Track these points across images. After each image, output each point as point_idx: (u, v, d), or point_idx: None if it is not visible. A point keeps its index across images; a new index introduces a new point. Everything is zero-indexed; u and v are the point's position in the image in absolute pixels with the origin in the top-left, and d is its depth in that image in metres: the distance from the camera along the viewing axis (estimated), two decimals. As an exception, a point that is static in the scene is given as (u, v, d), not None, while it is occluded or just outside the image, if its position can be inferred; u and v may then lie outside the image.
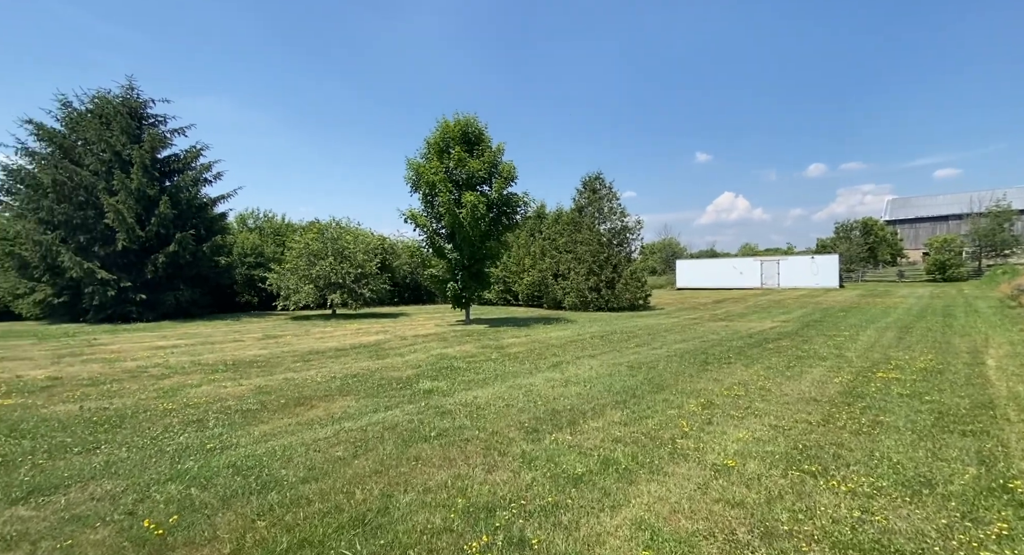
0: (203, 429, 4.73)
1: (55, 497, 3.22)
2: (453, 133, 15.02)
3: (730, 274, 44.14)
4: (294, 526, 2.87)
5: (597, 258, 24.13)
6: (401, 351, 9.92)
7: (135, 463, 3.82)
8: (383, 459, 3.99)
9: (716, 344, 10.80)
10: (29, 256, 16.09)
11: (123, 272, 16.95)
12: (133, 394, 6.09)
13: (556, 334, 12.83)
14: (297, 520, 2.95)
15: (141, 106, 18.84)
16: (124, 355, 9.26)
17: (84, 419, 4.98)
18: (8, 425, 4.74)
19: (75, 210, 16.63)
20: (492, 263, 16.43)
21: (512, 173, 15.39)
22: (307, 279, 17.73)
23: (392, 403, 5.82)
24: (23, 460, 3.84)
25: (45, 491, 3.29)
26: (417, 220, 14.89)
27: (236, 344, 11.00)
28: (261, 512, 3.04)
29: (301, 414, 5.33)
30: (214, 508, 3.09)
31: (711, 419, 5.19)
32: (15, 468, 3.69)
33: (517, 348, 10.31)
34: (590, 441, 4.51)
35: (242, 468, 3.75)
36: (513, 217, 16.17)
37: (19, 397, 5.82)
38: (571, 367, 8.23)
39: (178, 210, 18.01)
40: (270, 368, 8.01)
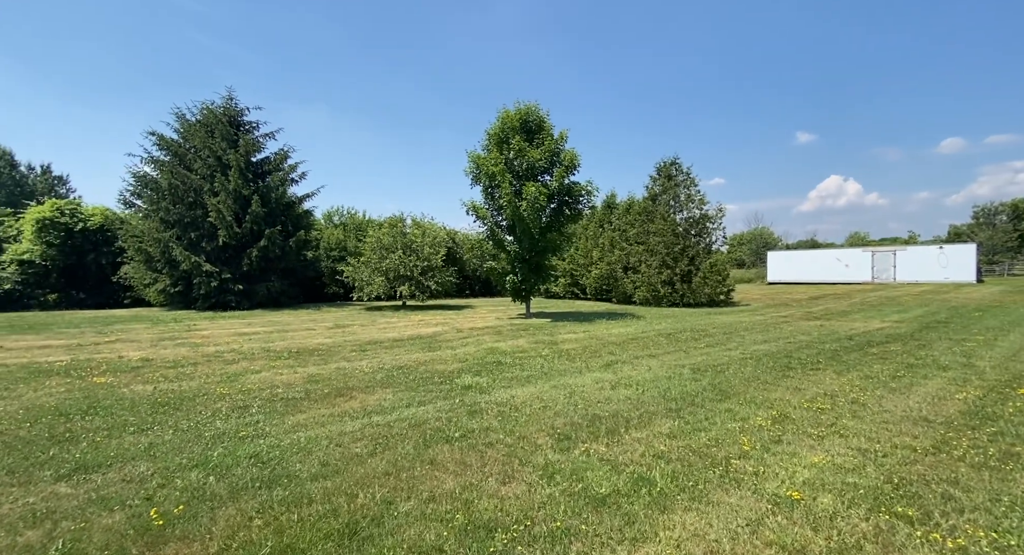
0: (245, 415, 4.92)
1: (94, 476, 3.45)
2: (513, 122, 14.72)
3: (833, 267, 39.20)
4: (286, 528, 2.76)
5: (671, 250, 22.60)
6: (453, 344, 9.90)
7: (174, 446, 4.03)
8: (398, 459, 3.82)
9: (804, 346, 9.46)
10: (152, 251, 18.63)
11: (224, 265, 19.01)
12: (201, 377, 6.62)
13: (618, 331, 12.09)
14: (291, 521, 2.84)
15: (238, 114, 20.92)
16: (210, 340, 10.26)
17: (152, 400, 5.45)
18: (91, 403, 5.31)
19: (186, 210, 18.92)
20: (554, 256, 15.95)
21: (575, 161, 14.75)
22: (378, 272, 18.57)
23: (428, 398, 5.70)
24: (85, 437, 4.23)
25: (90, 469, 3.55)
26: (478, 212, 14.84)
27: (307, 332, 11.74)
28: (262, 509, 2.99)
29: (338, 405, 5.38)
30: (221, 500, 3.09)
31: (781, 437, 4.39)
32: (76, 444, 4.05)
33: (571, 345, 9.82)
34: (627, 454, 3.99)
35: (263, 459, 3.78)
36: (576, 207, 15.53)
37: (111, 377, 6.59)
38: (626, 368, 7.59)
39: (267, 208, 19.76)
40: (328, 356, 8.36)
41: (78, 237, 23.64)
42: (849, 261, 38.56)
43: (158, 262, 18.87)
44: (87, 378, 6.42)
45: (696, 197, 23.87)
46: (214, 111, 20.34)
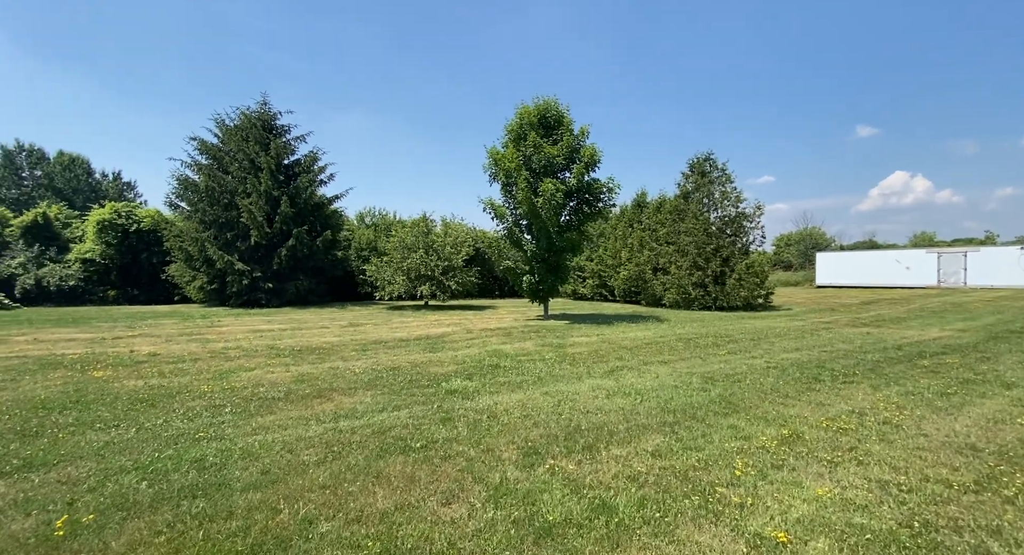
0: (215, 415, 4.83)
1: (35, 475, 3.38)
2: (531, 118, 14.33)
3: (891, 269, 36.13)
4: (187, 547, 2.54)
5: (703, 250, 21.48)
6: (458, 345, 9.64)
7: (127, 446, 3.95)
8: (343, 471, 3.55)
9: (841, 356, 8.54)
10: (191, 250, 19.59)
11: (255, 264, 19.72)
12: (194, 374, 6.67)
13: (635, 334, 11.45)
14: (196, 539, 2.61)
15: (271, 118, 21.69)
16: (224, 337, 10.50)
17: (134, 396, 5.49)
18: (78, 396, 5.41)
19: (222, 211, 19.77)
20: (573, 255, 15.42)
21: (594, 157, 14.18)
22: (400, 271, 18.67)
23: (406, 402, 5.44)
24: (50, 432, 4.23)
25: (35, 467, 3.50)
26: (496, 210, 14.55)
27: (320, 330, 11.84)
28: (174, 522, 2.78)
29: (313, 407, 5.21)
30: (139, 510, 2.92)
31: (784, 461, 3.80)
32: (38, 439, 4.06)
33: (580, 348, 9.32)
34: (597, 475, 3.54)
35: (206, 464, 3.62)
36: (596, 205, 14.94)
37: (111, 371, 6.76)
38: (630, 375, 7.05)
39: (296, 209, 20.34)
40: (326, 355, 8.30)
41: (133, 237, 25.28)
42: (911, 263, 35.42)
43: (196, 261, 19.81)
44: (88, 372, 6.62)
45: (732, 195, 22.57)
46: (249, 116, 21.18)
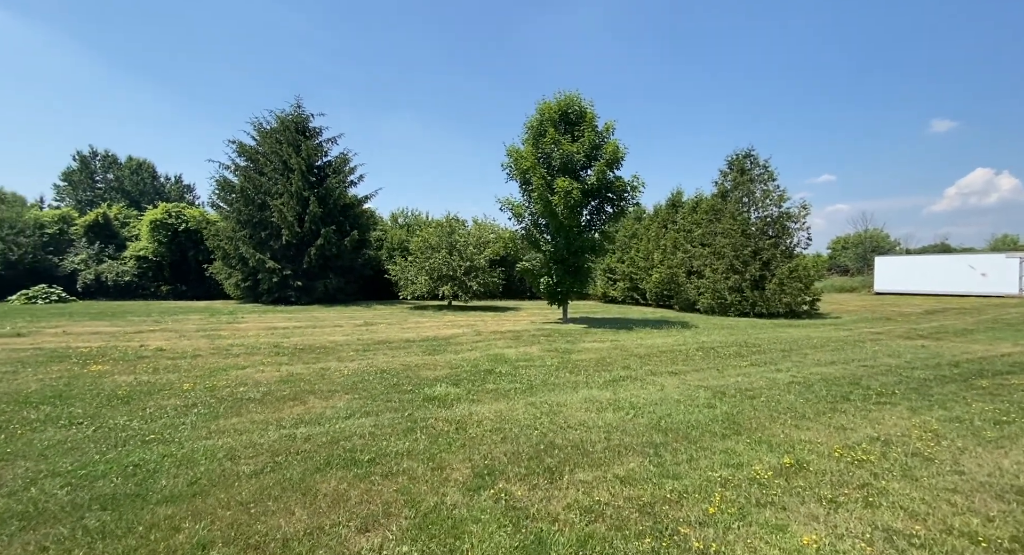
0: (181, 416, 4.75)
1: (-30, 471, 3.35)
2: (551, 114, 13.86)
3: (963, 276, 32.72)
4: (62, 564, 2.34)
5: (740, 252, 20.22)
6: (461, 347, 9.34)
7: (74, 446, 3.89)
8: (272, 485, 3.30)
9: (884, 372, 7.59)
10: (228, 249, 20.48)
11: (287, 262, 20.33)
12: (185, 371, 6.73)
13: (653, 341, 10.75)
14: (78, 556, 2.42)
15: (304, 121, 22.35)
16: (237, 333, 10.73)
17: (114, 393, 5.53)
18: (64, 390, 5.52)
19: (256, 211, 20.53)
20: (593, 257, 14.80)
21: (616, 154, 13.52)
22: (423, 271, 18.67)
23: (378, 408, 5.17)
24: (14, 427, 4.27)
25: (-24, 463, 3.47)
26: (513, 209, 14.19)
27: (333, 329, 11.90)
28: (65, 538, 2.61)
29: (283, 410, 5.04)
30: (38, 522, 2.78)
31: (775, 497, 3.22)
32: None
33: (587, 355, 8.79)
34: (547, 504, 3.11)
35: (140, 470, 3.47)
36: (618, 204, 14.26)
37: (109, 365, 6.94)
38: (632, 386, 6.49)
39: (325, 209, 20.81)
40: (324, 355, 8.23)
41: (181, 236, 26.78)
42: (987, 269, 31.93)
43: (232, 259, 20.68)
44: (87, 366, 6.82)
45: (774, 193, 21.10)
46: (284, 119, 21.92)
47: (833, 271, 54.53)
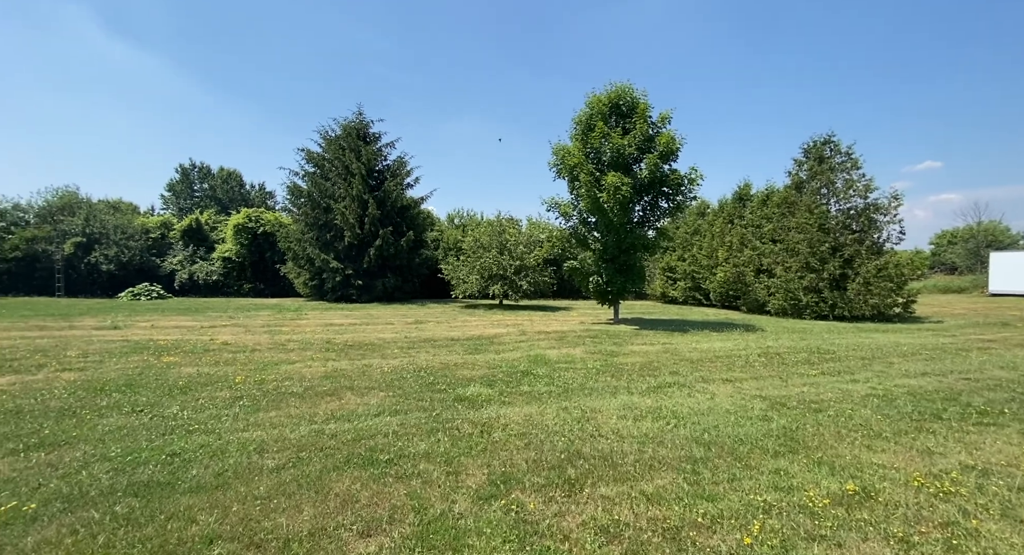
0: (226, 407, 5.03)
1: (37, 454, 3.72)
2: (601, 107, 13.36)
3: (1100, 273, 27.67)
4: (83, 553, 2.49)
5: (816, 249, 18.44)
6: (503, 347, 9.23)
7: (128, 433, 4.21)
8: (289, 482, 3.35)
9: (991, 386, 6.50)
10: (297, 250, 21.98)
11: (348, 262, 21.42)
12: (241, 364, 7.18)
13: (709, 345, 10.00)
14: (95, 546, 2.56)
15: (365, 127, 23.43)
16: (296, 329, 11.38)
17: (176, 383, 6.00)
18: (137, 380, 6.07)
19: (322, 214, 21.83)
20: (646, 254, 14.08)
21: (672, 146, 12.77)
22: (474, 270, 18.85)
23: (408, 407, 5.17)
24: (84, 413, 4.72)
25: (43, 447, 3.86)
26: (561, 207, 13.86)
27: (384, 327, 12.29)
28: (94, 522, 2.78)
29: (318, 406, 5.19)
30: (77, 505, 2.99)
31: (829, 531, 2.76)
32: (68, 419, 4.53)
33: (633, 358, 8.33)
34: (562, 519, 2.88)
35: (175, 459, 3.68)
36: (674, 199, 13.47)
37: (179, 357, 7.57)
38: (678, 393, 6.02)
39: (383, 211, 21.67)
40: (370, 352, 8.46)
41: (260, 239, 29.14)
42: None
43: (301, 259, 22.16)
44: (161, 357, 7.49)
45: (859, 183, 19.01)
46: (346, 126, 23.12)
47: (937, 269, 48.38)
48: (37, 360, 7.05)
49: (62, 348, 8.11)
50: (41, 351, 7.79)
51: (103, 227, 27.81)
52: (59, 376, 6.17)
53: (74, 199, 29.79)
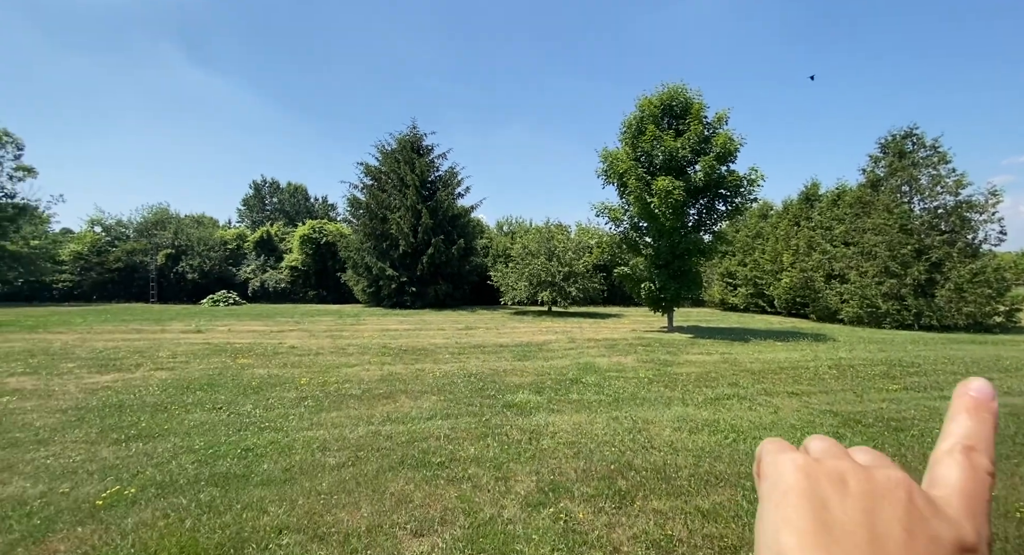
0: (293, 407, 5.39)
1: (136, 444, 4.17)
2: (652, 110, 13.06)
3: None
4: (172, 535, 2.77)
5: (897, 252, 16.94)
6: (552, 354, 9.19)
7: (210, 428, 4.62)
8: (348, 479, 3.53)
9: (1114, 409, 5.64)
10: (355, 259, 23.16)
11: (403, 270, 22.27)
12: (306, 366, 7.65)
13: (774, 355, 9.42)
14: (183, 529, 2.84)
15: (418, 140, 24.37)
16: (355, 334, 11.96)
17: (250, 383, 6.49)
18: (217, 379, 6.65)
19: (378, 224, 22.89)
20: (703, 259, 13.51)
21: (728, 146, 12.25)
22: (523, 277, 18.96)
23: (459, 412, 5.29)
24: (174, 409, 5.23)
25: (141, 438, 4.32)
26: (610, 213, 13.65)
27: (436, 332, 12.63)
28: (182, 508, 3.08)
29: (375, 407, 5.44)
30: (169, 492, 3.33)
31: None
32: (162, 413, 5.04)
33: (689, 368, 8.00)
34: (612, 531, 2.84)
35: (249, 454, 3.99)
36: (732, 201, 12.86)
37: (252, 359, 8.20)
38: (738, 406, 5.73)
39: (435, 220, 22.37)
40: (423, 356, 8.73)
41: (323, 248, 30.99)
42: None
43: (359, 267, 23.32)
44: (237, 359, 8.15)
45: (948, 179, 17.30)
46: (401, 139, 24.18)
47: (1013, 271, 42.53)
48: (135, 360, 7.91)
49: (155, 349, 9.05)
50: (139, 352, 8.73)
51: (189, 240, 30.75)
52: (153, 374, 6.89)
53: (165, 215, 33.17)
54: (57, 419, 4.77)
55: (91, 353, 8.50)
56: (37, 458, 3.80)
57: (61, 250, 28.02)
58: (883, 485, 0.27)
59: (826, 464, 0.29)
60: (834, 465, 0.29)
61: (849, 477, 0.28)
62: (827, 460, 0.30)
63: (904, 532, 0.24)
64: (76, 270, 28.56)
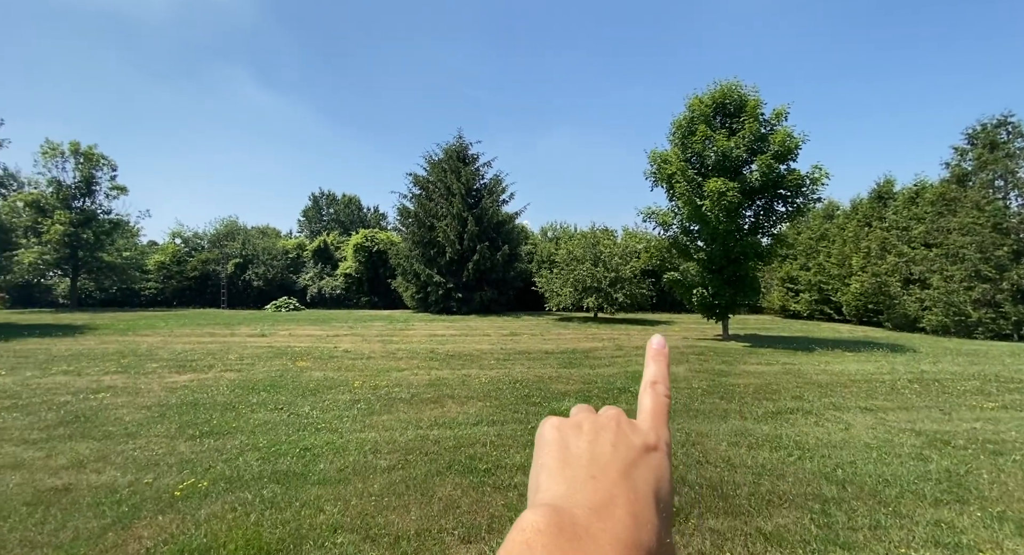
0: (347, 409, 5.61)
1: (209, 440, 4.49)
2: (703, 109, 12.61)
3: None
4: (239, 528, 2.94)
5: (990, 253, 15.32)
6: (598, 362, 9.00)
7: (272, 427, 4.90)
8: (398, 482, 3.61)
9: None
10: (404, 266, 23.92)
11: (449, 276, 22.74)
12: (359, 370, 7.95)
13: (843, 367, 8.73)
14: (248, 523, 3.01)
15: (464, 149, 24.90)
16: (405, 339, 12.30)
17: (308, 385, 6.83)
18: (278, 381, 7.04)
19: (426, 232, 23.54)
20: (760, 263, 12.78)
21: (788, 144, 11.59)
22: (568, 283, 18.78)
23: (505, 418, 5.29)
24: (240, 408, 5.59)
25: (213, 435, 4.64)
26: (659, 217, 13.25)
27: (482, 338, 12.75)
28: (247, 502, 3.27)
29: (423, 411, 5.55)
30: (236, 486, 3.55)
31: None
32: (231, 412, 5.40)
33: (747, 379, 7.57)
34: (663, 554, 2.71)
35: (307, 454, 4.18)
36: (793, 201, 12.12)
37: (310, 362, 8.62)
38: (802, 421, 5.35)
39: (480, 227, 22.70)
40: (469, 362, 8.82)
41: (375, 256, 32.28)
42: None
43: (408, 274, 24.06)
44: (296, 362, 8.60)
45: (1049, 170, 15.44)
46: (448, 149, 24.81)
47: None
48: (208, 362, 8.56)
49: (225, 352, 9.75)
50: (211, 354, 9.45)
51: (255, 250, 33.04)
52: (223, 375, 7.42)
53: (234, 227, 35.87)
54: (143, 415, 5.24)
55: (171, 354, 9.30)
56: (126, 450, 4.18)
57: (148, 260, 31.00)
58: (602, 421, 0.37)
59: (572, 419, 0.39)
60: (576, 418, 0.39)
61: (584, 423, 0.37)
62: (574, 417, 0.39)
63: (611, 447, 0.34)
64: (160, 278, 31.48)
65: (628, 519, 0.29)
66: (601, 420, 0.37)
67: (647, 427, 0.37)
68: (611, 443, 0.34)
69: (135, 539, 2.79)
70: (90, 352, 9.48)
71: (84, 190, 27.18)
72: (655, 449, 0.35)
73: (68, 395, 6.03)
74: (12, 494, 3.32)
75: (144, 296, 31.13)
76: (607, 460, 0.33)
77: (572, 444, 0.35)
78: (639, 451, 0.34)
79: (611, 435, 0.35)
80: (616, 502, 0.30)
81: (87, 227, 26.05)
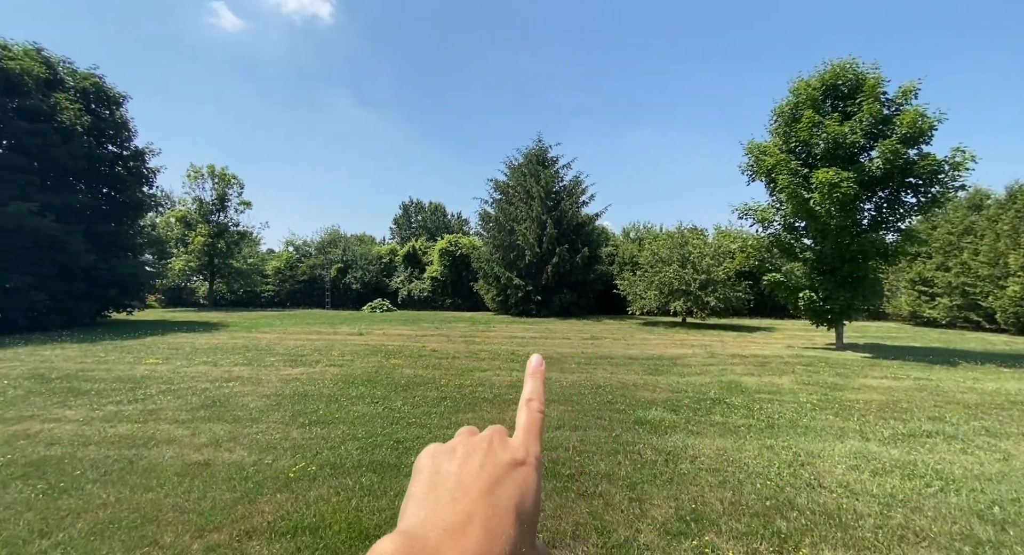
0: (434, 406, 5.86)
1: (318, 428, 4.96)
2: (810, 93, 11.36)
3: None
4: (342, 512, 3.20)
5: None
6: (688, 370, 8.45)
7: (371, 419, 5.27)
8: (484, 479, 3.69)
9: None
10: (486, 269, 24.57)
11: (529, 279, 22.92)
12: (445, 369, 8.27)
13: (997, 385, 7.33)
14: (349, 508, 3.26)
15: (543, 153, 25.00)
16: (486, 340, 12.60)
17: (398, 381, 7.25)
18: (376, 377, 7.58)
19: (506, 235, 23.99)
20: (883, 263, 11.15)
21: (920, 125, 10.04)
22: (653, 285, 17.96)
23: (588, 424, 5.17)
24: (342, 401, 6.09)
25: (321, 423, 5.11)
26: (758, 214, 12.16)
27: (562, 341, 12.64)
28: (348, 488, 3.55)
29: (505, 412, 5.61)
30: (340, 472, 3.86)
31: None
32: (332, 404, 5.90)
33: (868, 394, 6.64)
34: (768, 585, 2.46)
35: (399, 446, 4.43)
36: (927, 191, 10.44)
37: (401, 360, 9.15)
38: (944, 446, 4.57)
39: (559, 230, 22.59)
40: (550, 366, 8.75)
41: (458, 260, 33.61)
42: None
43: (489, 277, 24.68)
44: (389, 359, 9.19)
45: None
46: (527, 153, 25.10)
47: None
48: (315, 357, 9.49)
49: (329, 348, 10.74)
50: (318, 350, 10.47)
51: (353, 255, 36.10)
52: (328, 370, 8.17)
53: (336, 235, 39.48)
54: (263, 403, 5.94)
55: (286, 350, 10.46)
56: (251, 433, 4.77)
57: (267, 266, 35.37)
58: (475, 442, 0.38)
59: (448, 444, 0.39)
60: (453, 442, 0.40)
61: (459, 447, 0.38)
62: (453, 441, 0.40)
63: (478, 467, 0.35)
64: (276, 281, 35.69)
65: (481, 534, 0.30)
66: (475, 441, 0.39)
67: (518, 443, 0.39)
68: (479, 464, 0.36)
69: (259, 512, 3.15)
70: (223, 346, 10.99)
71: (219, 206, 31.96)
72: (523, 464, 0.37)
73: (207, 383, 7.03)
74: (167, 465, 3.93)
75: (264, 297, 35.48)
76: (471, 481, 0.34)
77: (443, 469, 0.36)
78: (505, 468, 0.36)
79: (480, 456, 0.37)
80: (473, 520, 0.31)
81: (221, 238, 30.67)
